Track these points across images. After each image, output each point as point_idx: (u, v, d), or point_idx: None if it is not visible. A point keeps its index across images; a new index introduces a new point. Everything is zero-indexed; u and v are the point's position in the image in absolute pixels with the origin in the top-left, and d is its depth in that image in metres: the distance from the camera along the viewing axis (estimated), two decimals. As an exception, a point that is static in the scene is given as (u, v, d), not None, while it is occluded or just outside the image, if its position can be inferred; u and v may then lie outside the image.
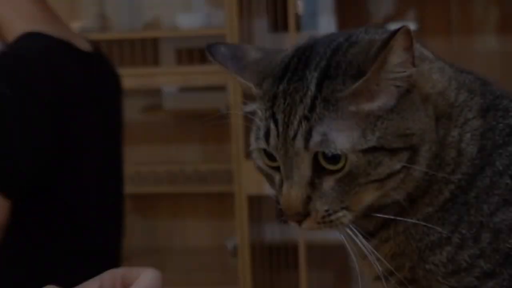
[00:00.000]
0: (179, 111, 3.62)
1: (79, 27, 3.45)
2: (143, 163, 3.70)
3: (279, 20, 3.29)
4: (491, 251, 0.81)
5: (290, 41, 3.25)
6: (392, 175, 0.80)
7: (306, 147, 0.80)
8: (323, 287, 3.61)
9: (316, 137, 0.79)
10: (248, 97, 0.90)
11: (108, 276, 0.81)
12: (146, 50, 3.50)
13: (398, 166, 0.80)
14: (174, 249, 3.76)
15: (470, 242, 0.82)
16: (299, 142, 0.80)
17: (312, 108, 0.80)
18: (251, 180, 3.26)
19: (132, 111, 3.67)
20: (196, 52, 3.49)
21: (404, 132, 0.80)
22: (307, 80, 0.81)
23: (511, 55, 3.43)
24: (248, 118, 0.88)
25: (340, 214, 0.81)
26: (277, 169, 0.84)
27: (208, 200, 3.71)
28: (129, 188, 3.59)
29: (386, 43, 0.78)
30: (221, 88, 3.45)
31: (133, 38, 3.46)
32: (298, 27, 3.30)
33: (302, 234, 3.23)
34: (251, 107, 0.88)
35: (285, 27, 3.27)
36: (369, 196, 0.81)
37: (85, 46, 1.77)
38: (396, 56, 0.79)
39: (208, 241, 3.78)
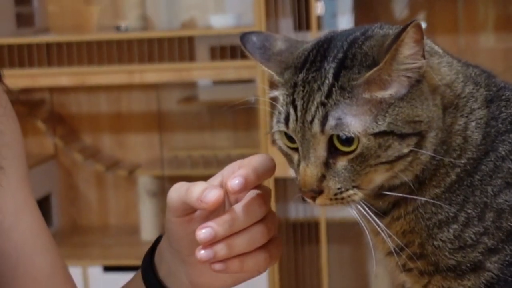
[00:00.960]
0: (213, 102, 3.61)
1: (124, 27, 3.45)
2: (181, 149, 3.69)
3: (303, 20, 3.27)
4: (494, 229, 0.81)
5: (312, 38, 3.23)
6: (400, 158, 0.79)
7: (322, 130, 0.79)
8: (341, 260, 3.60)
9: (331, 121, 0.79)
10: (272, 85, 0.90)
11: (228, 168, 0.85)
12: (183, 47, 3.49)
13: (406, 150, 0.79)
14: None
15: (475, 220, 0.81)
16: (316, 126, 0.79)
17: (328, 95, 0.80)
18: (277, 164, 3.25)
19: (170, 102, 3.67)
20: (228, 49, 3.48)
21: (413, 119, 0.79)
22: (325, 70, 0.81)
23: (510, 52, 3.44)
24: (272, 104, 0.88)
25: (351, 192, 0.80)
26: (296, 150, 0.84)
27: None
28: (168, 171, 3.60)
29: (398, 36, 0.77)
30: (250, 81, 3.44)
31: (172, 36, 3.45)
32: (320, 26, 3.28)
33: (323, 213, 3.22)
34: (273, 93, 0.88)
35: (308, 27, 3.25)
36: (379, 177, 0.81)
37: None
38: (407, 48, 0.79)
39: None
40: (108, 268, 3.42)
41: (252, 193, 0.83)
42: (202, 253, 0.80)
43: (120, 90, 3.70)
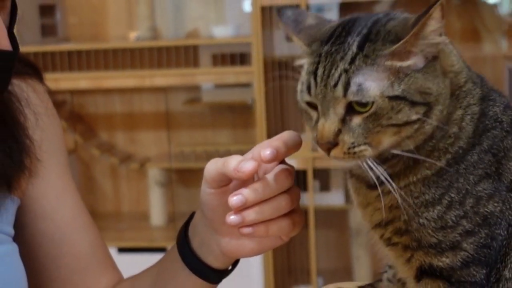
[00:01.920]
0: (214, 103, 3.62)
1: (136, 37, 3.45)
2: (186, 144, 3.69)
3: (294, 31, 3.26)
4: (473, 214, 0.80)
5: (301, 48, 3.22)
6: (408, 123, 0.79)
7: (345, 95, 0.78)
8: (327, 243, 3.60)
9: (353, 87, 0.78)
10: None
11: (256, 147, 0.83)
12: (188, 54, 3.49)
13: (414, 116, 0.78)
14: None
15: (456, 204, 0.80)
16: (339, 91, 0.78)
17: (351, 63, 0.79)
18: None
19: (177, 103, 3.67)
20: (228, 56, 3.49)
21: (425, 90, 0.79)
22: (348, 44, 0.80)
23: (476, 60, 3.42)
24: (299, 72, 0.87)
25: (362, 147, 0.79)
26: (315, 108, 0.83)
27: (237, 174, 3.70)
28: (174, 164, 3.60)
29: (427, 11, 0.77)
30: (248, 85, 3.43)
31: (178, 45, 3.45)
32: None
33: (311, 202, 3.21)
34: (301, 62, 0.87)
35: (298, 37, 3.24)
36: (387, 139, 0.80)
37: None
38: (434, 23, 0.78)
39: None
40: (122, 250, 3.43)
41: (279, 167, 0.83)
42: (232, 218, 0.81)
43: (132, 92, 3.70)
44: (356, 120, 0.79)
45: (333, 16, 3.37)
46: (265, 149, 0.81)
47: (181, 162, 3.59)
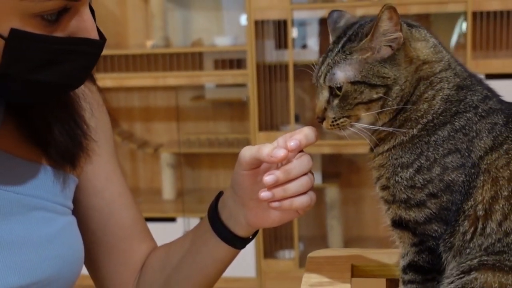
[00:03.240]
0: (215, 100, 3.61)
1: (152, 45, 3.44)
2: (192, 133, 3.67)
3: (282, 41, 3.26)
4: (438, 180, 0.80)
5: (289, 55, 3.21)
6: (372, 101, 0.81)
7: (325, 82, 0.83)
8: (307, 216, 3.59)
9: (329, 76, 0.83)
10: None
11: (280, 138, 0.84)
12: (194, 60, 3.48)
13: (375, 96, 0.81)
14: (211, 189, 3.75)
15: (425, 170, 0.80)
16: (322, 79, 0.83)
17: (333, 58, 0.83)
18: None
19: (185, 99, 3.67)
20: (227, 61, 3.48)
21: (382, 75, 0.81)
22: (339, 43, 0.84)
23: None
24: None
25: (341, 120, 0.83)
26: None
27: (233, 157, 3.68)
28: (182, 149, 3.60)
29: (377, 16, 0.80)
30: (243, 85, 3.42)
31: (186, 52, 3.45)
32: (294, 46, 3.26)
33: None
34: None
35: (285, 46, 3.24)
36: (362, 113, 0.83)
37: None
38: (384, 24, 0.80)
39: (233, 184, 3.78)
40: (138, 219, 3.42)
41: (301, 154, 0.85)
42: (264, 193, 0.82)
43: (148, 90, 3.69)
44: (335, 101, 0.83)
45: (313, 29, 3.38)
46: (291, 140, 0.83)
47: (188, 148, 3.59)
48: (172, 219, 3.41)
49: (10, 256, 0.78)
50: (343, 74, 0.82)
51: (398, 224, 0.83)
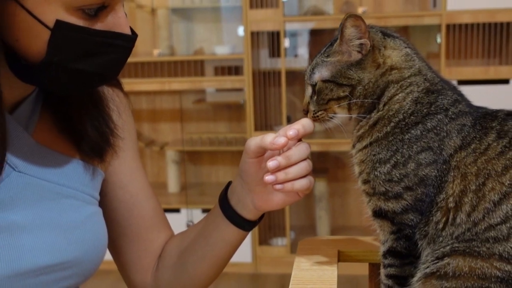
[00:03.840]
0: (215, 102, 3.61)
1: (158, 53, 3.44)
2: (194, 133, 3.66)
3: (275, 50, 3.27)
4: (412, 175, 0.79)
5: (281, 63, 3.22)
6: (341, 98, 0.83)
7: (308, 80, 0.86)
8: (298, 207, 3.61)
9: (311, 75, 0.85)
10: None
11: (281, 130, 0.84)
12: (196, 66, 3.48)
13: (342, 94, 0.83)
14: (211, 183, 3.75)
15: (400, 165, 0.80)
16: (307, 78, 0.86)
17: (316, 60, 0.86)
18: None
19: (188, 102, 3.67)
20: (226, 68, 3.48)
21: (347, 76, 0.82)
22: (324, 48, 0.87)
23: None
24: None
25: (319, 113, 0.84)
26: None
27: (231, 155, 3.71)
28: (186, 147, 3.61)
29: (342, 24, 0.82)
30: (240, 89, 3.42)
31: (189, 59, 3.44)
32: (286, 55, 3.27)
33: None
34: None
35: (278, 55, 3.25)
36: (336, 107, 0.84)
37: None
38: (349, 31, 0.81)
39: (231, 178, 3.77)
40: (146, 210, 3.41)
41: (299, 143, 0.85)
42: (268, 177, 0.83)
43: (155, 94, 3.69)
44: (314, 97, 0.85)
45: (304, 39, 3.38)
46: (290, 130, 0.83)
47: (190, 146, 3.59)
48: (177, 210, 3.41)
49: (42, 237, 0.79)
50: (318, 74, 0.84)
51: (378, 214, 0.83)
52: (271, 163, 0.82)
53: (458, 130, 0.79)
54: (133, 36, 0.79)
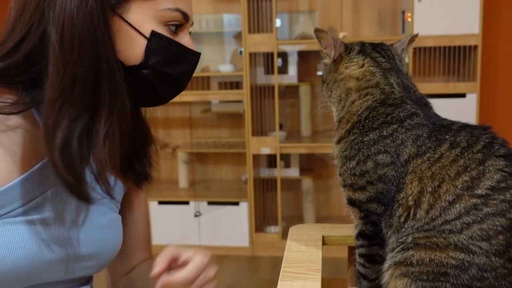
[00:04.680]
0: (219, 112, 3.57)
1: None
2: (201, 138, 3.63)
3: (270, 68, 3.28)
4: (372, 172, 0.77)
5: (274, 79, 3.24)
6: (323, 90, 0.90)
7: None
8: (288, 201, 3.57)
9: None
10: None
11: (165, 252, 0.75)
12: (203, 82, 3.48)
13: (322, 87, 0.90)
14: (215, 179, 3.72)
15: (362, 163, 0.78)
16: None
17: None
18: (254, 147, 3.26)
19: (196, 112, 3.65)
20: (228, 83, 3.47)
21: (322, 73, 0.89)
22: None
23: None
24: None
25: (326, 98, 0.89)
26: None
27: (233, 156, 3.70)
28: (194, 150, 3.61)
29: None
30: (240, 101, 3.39)
31: (197, 76, 3.42)
32: (279, 72, 3.27)
33: (279, 173, 3.20)
34: None
35: (272, 72, 3.25)
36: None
37: None
38: (321, 42, 0.88)
39: (232, 176, 3.77)
40: (160, 202, 3.40)
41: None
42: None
43: (169, 104, 3.65)
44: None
45: (293, 59, 3.40)
46: (158, 266, 0.74)
47: (198, 148, 3.56)
48: (186, 203, 3.42)
49: (82, 234, 0.80)
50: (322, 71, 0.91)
51: (350, 202, 0.82)
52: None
53: (413, 140, 0.77)
54: (199, 53, 0.82)
